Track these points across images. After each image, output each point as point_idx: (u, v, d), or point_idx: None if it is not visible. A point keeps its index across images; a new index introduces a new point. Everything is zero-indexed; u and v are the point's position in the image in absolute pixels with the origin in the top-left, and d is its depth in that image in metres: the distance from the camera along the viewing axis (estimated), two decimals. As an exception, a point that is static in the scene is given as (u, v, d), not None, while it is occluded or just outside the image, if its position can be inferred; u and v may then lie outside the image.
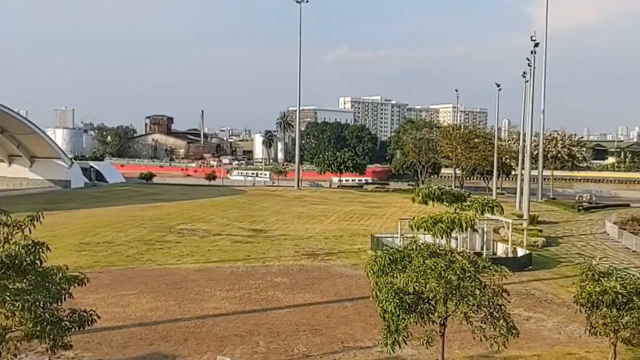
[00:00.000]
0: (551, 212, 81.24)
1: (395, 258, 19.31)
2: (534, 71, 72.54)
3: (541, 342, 26.37)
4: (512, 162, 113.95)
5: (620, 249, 53.32)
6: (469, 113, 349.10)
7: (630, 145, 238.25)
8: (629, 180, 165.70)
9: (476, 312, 18.36)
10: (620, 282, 19.20)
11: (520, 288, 35.68)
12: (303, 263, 42.48)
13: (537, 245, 51.11)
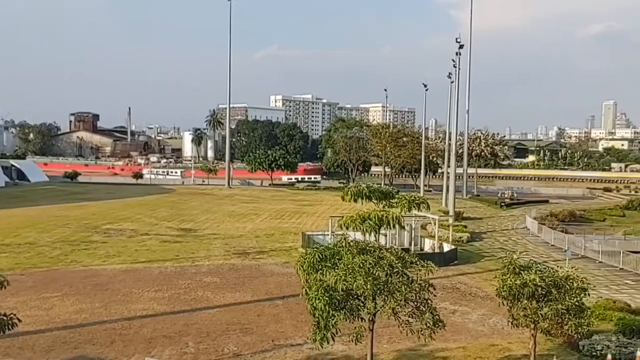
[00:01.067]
0: (475, 208, 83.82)
1: (325, 255, 19.43)
2: (459, 72, 74.67)
3: (466, 334, 27.21)
4: (439, 160, 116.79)
5: (539, 243, 55.63)
6: (397, 112, 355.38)
7: (549, 144, 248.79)
8: (548, 178, 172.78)
9: (404, 306, 18.74)
10: (540, 275, 20.02)
11: (446, 282, 36.67)
12: (234, 262, 42.18)
13: (462, 241, 52.66)
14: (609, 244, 51.84)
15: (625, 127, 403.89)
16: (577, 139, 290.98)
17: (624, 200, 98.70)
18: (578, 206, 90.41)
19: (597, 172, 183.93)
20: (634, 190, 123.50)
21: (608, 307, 29.59)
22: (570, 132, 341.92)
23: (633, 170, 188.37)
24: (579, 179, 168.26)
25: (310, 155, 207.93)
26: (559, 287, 19.85)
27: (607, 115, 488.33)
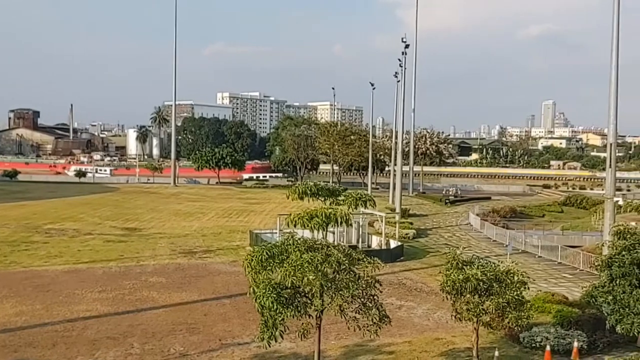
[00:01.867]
0: (421, 205, 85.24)
1: (273, 253, 19.42)
2: (405, 71, 75.66)
3: (412, 329, 27.69)
4: (386, 158, 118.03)
5: (482, 239, 57.05)
6: (345, 111, 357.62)
7: (492, 142, 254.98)
8: (490, 175, 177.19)
9: (351, 303, 18.95)
10: (482, 270, 20.55)
11: (392, 278, 37.19)
12: (180, 261, 41.66)
13: (409, 237, 53.49)
14: (547, 239, 53.64)
15: (563, 126, 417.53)
16: (518, 138, 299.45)
17: (562, 196, 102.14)
18: (519, 202, 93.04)
19: (537, 169, 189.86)
20: (572, 187, 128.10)
21: (547, 300, 30.58)
22: (512, 131, 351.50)
23: (570, 167, 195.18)
24: (520, 176, 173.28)
25: (258, 154, 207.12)
26: (500, 282, 20.44)
27: (547, 114, 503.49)
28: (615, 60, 36.17)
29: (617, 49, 36.08)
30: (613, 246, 24.24)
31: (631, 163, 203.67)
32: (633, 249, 22.78)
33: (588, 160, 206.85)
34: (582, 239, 55.00)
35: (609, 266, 23.32)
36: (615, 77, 36.35)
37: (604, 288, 23.57)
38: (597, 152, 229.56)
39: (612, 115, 37.03)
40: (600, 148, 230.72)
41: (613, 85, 36.43)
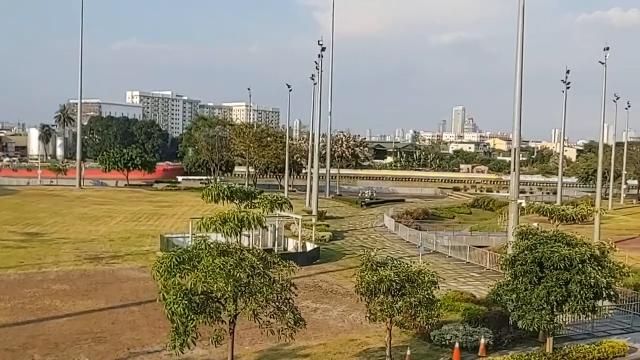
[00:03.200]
0: (337, 207, 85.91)
1: (184, 258, 18.95)
2: (322, 74, 76.10)
3: (327, 331, 27.76)
4: (303, 160, 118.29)
5: (396, 240, 58.18)
6: (262, 112, 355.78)
7: (406, 146, 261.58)
8: (404, 178, 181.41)
9: (265, 307, 18.76)
10: (395, 271, 20.88)
11: (308, 281, 37.22)
12: (85, 268, 39.96)
13: (325, 240, 53.76)
14: (457, 239, 55.40)
15: (472, 131, 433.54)
16: (430, 142, 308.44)
17: (471, 198, 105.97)
18: (431, 205, 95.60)
19: (448, 172, 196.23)
20: (480, 190, 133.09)
21: (456, 299, 31.51)
22: (425, 135, 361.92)
23: (479, 171, 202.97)
24: (432, 179, 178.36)
25: (170, 155, 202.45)
26: (412, 282, 20.84)
27: (457, 119, 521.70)
28: (520, 69, 37.80)
29: (521, 59, 37.71)
30: (516, 246, 25.28)
31: (534, 167, 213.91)
32: (534, 249, 23.80)
33: (495, 164, 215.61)
34: (489, 239, 57.14)
35: (512, 265, 24.27)
36: (519, 86, 37.98)
37: (508, 286, 24.50)
38: (503, 156, 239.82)
39: (516, 122, 38.66)
40: (506, 152, 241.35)
41: (517, 93, 38.04)
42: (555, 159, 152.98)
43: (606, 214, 68.92)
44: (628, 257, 40.55)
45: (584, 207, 65.53)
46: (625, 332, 29.22)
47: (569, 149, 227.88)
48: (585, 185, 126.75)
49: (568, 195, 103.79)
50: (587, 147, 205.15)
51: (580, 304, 22.92)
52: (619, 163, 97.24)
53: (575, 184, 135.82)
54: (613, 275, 24.22)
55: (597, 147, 63.57)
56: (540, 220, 60.43)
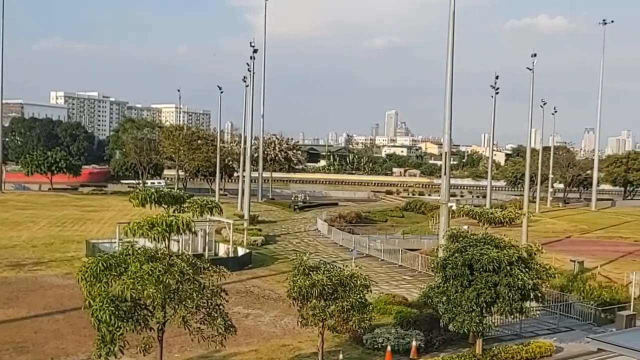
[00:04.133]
0: (270, 211, 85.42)
1: (110, 264, 18.36)
2: (254, 76, 75.60)
3: (259, 337, 27.39)
4: (235, 163, 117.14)
5: (329, 244, 58.29)
6: (192, 114, 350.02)
7: (339, 149, 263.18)
8: (338, 181, 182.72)
9: (195, 314, 18.37)
10: (327, 275, 20.79)
11: (240, 286, 36.71)
12: (6, 275, 38.06)
13: (257, 244, 53.26)
14: (390, 242, 56.01)
15: (405, 135, 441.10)
16: (363, 146, 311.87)
17: (403, 202, 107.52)
18: (364, 208, 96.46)
19: (381, 176, 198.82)
20: (412, 193, 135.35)
21: (388, 302, 31.75)
22: (358, 139, 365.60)
23: (411, 174, 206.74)
24: (365, 182, 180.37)
25: (96, 158, 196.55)
26: (344, 286, 20.81)
27: (390, 123, 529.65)
28: (450, 74, 38.58)
29: (451, 64, 38.50)
30: (447, 249, 25.68)
31: (464, 171, 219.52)
32: (464, 251, 24.25)
33: (427, 168, 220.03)
34: (421, 242, 58.04)
35: (443, 268, 24.66)
36: (449, 91, 38.74)
37: (439, 289, 24.88)
38: (434, 160, 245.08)
39: (447, 126, 39.42)
40: (438, 156, 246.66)
41: (448, 98, 38.80)
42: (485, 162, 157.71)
43: (533, 217, 71.35)
44: (554, 258, 42.03)
45: (512, 210, 68.09)
46: (551, 332, 30.18)
47: (498, 153, 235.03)
48: (514, 189, 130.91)
49: (497, 199, 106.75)
50: (516, 151, 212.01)
51: (508, 305, 23.52)
52: (546, 167, 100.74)
53: (504, 188, 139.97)
54: (540, 276, 25.00)
55: (525, 151, 65.72)
56: (470, 223, 62.11)
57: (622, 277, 38.51)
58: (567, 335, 29.33)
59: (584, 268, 42.52)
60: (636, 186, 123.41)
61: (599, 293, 35.36)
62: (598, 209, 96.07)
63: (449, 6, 38.40)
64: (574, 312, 33.23)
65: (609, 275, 41.34)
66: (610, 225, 73.76)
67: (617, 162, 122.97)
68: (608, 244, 58.93)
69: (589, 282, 38.37)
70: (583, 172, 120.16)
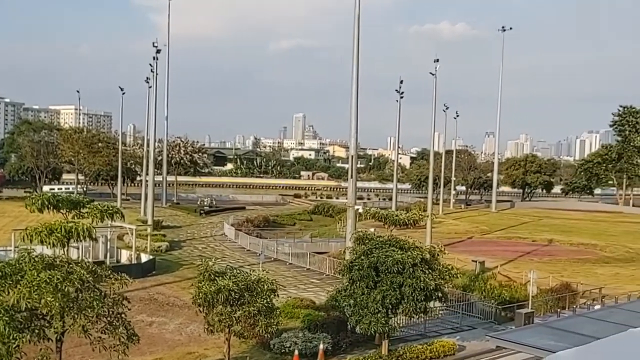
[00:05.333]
0: (175, 216, 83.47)
1: (5, 273, 17.46)
2: (157, 78, 73.70)
3: (163, 345, 26.65)
4: (138, 167, 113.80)
5: (236, 249, 57.68)
6: (93, 116, 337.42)
7: (246, 152, 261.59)
8: (245, 185, 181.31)
9: (96, 323, 17.77)
10: (233, 280, 20.49)
11: (143, 294, 35.60)
12: None
13: (161, 250, 51.90)
14: (298, 246, 56.17)
15: (313, 138, 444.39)
16: (271, 149, 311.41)
17: (311, 205, 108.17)
18: (272, 212, 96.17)
19: (289, 179, 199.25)
20: (320, 196, 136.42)
21: (296, 306, 31.73)
22: (265, 142, 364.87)
23: (319, 178, 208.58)
24: (273, 186, 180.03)
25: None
26: (251, 291, 20.58)
27: (298, 126, 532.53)
28: (356, 78, 39.16)
29: (357, 67, 39.09)
30: (354, 251, 25.99)
31: (371, 174, 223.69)
32: (370, 253, 24.62)
33: (335, 171, 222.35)
34: (329, 245, 58.57)
35: (350, 270, 24.92)
36: (355, 94, 39.32)
37: (345, 291, 25.13)
38: (342, 163, 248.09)
39: (353, 129, 39.98)
40: (345, 159, 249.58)
41: (354, 101, 39.36)
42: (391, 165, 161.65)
43: (437, 219, 73.75)
44: (457, 259, 43.56)
45: (416, 212, 70.05)
46: (455, 331, 31.18)
47: (404, 156, 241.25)
48: (419, 191, 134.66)
49: (403, 201, 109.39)
50: (420, 154, 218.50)
51: (413, 306, 24.07)
52: (448, 170, 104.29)
53: (410, 190, 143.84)
54: (443, 277, 25.73)
55: (429, 154, 67.75)
56: (377, 226, 63.30)
57: (521, 276, 40.32)
58: (469, 334, 30.40)
59: (485, 268, 44.31)
60: (534, 188, 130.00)
61: (499, 292, 37.01)
62: (498, 210, 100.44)
63: (354, 10, 38.99)
64: (476, 311, 34.58)
65: (509, 275, 43.26)
66: (509, 226, 77.38)
67: (516, 165, 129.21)
68: (507, 244, 61.84)
69: (489, 282, 40.05)
70: (484, 174, 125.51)
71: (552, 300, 34.88)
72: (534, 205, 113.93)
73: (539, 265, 46.62)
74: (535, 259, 52.03)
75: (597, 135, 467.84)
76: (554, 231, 72.20)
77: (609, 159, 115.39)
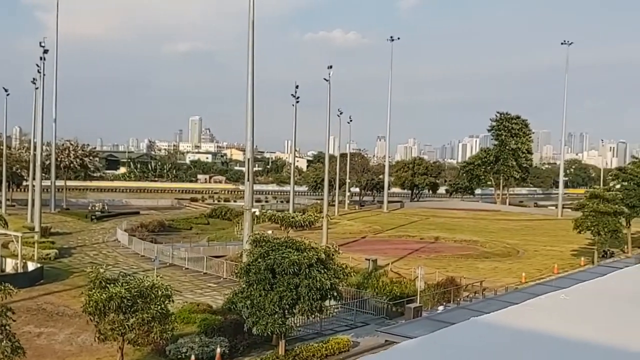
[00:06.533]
0: (65, 222, 79.90)
1: None
2: (45, 78, 70.27)
3: (52, 356, 25.60)
4: (24, 172, 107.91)
5: (130, 255, 56.04)
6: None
7: (140, 156, 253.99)
8: (140, 189, 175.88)
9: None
10: (126, 287, 20.05)
11: (31, 304, 33.94)
12: None
13: (50, 258, 49.57)
14: (194, 250, 55.36)
15: (209, 142, 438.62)
16: (166, 152, 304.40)
17: (209, 209, 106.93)
18: (167, 216, 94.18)
19: (185, 183, 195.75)
20: (217, 200, 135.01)
21: (192, 311, 31.37)
22: (161, 145, 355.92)
23: (216, 181, 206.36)
24: (169, 190, 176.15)
25: None
26: (144, 297, 20.21)
27: (194, 129, 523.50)
28: (251, 82, 39.29)
29: (252, 72, 39.23)
30: (251, 254, 26.11)
31: (269, 177, 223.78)
32: (267, 256, 24.84)
33: (233, 174, 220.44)
34: (226, 249, 58.13)
35: (247, 273, 25.03)
36: (251, 99, 39.42)
37: (243, 294, 25.21)
38: (240, 166, 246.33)
39: (249, 133, 40.07)
40: (243, 163, 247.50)
41: (249, 105, 39.46)
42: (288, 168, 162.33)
43: (333, 220, 75.03)
44: (351, 258, 44.63)
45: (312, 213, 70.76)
46: (349, 328, 32.00)
47: (301, 159, 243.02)
48: (315, 193, 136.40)
49: (300, 203, 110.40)
50: (317, 157, 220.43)
51: (309, 305, 24.54)
52: (343, 172, 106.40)
53: (307, 192, 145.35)
54: (337, 276, 26.37)
55: (325, 157, 68.89)
56: (274, 228, 63.66)
57: (410, 272, 41.90)
58: (363, 330, 31.30)
59: (378, 266, 45.74)
60: (421, 189, 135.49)
61: (390, 288, 38.33)
62: (389, 210, 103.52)
63: (248, 15, 39.11)
64: (369, 308, 35.67)
65: (399, 271, 44.89)
66: (399, 225, 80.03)
67: (405, 168, 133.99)
68: (398, 242, 63.99)
69: (382, 279, 41.40)
70: (376, 176, 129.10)
71: (438, 295, 36.57)
72: (422, 205, 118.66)
73: (426, 261, 48.68)
74: (423, 255, 54.22)
75: (477, 140, 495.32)
76: (439, 229, 75.53)
77: (487, 161, 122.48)
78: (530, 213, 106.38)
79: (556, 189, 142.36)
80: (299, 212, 79.29)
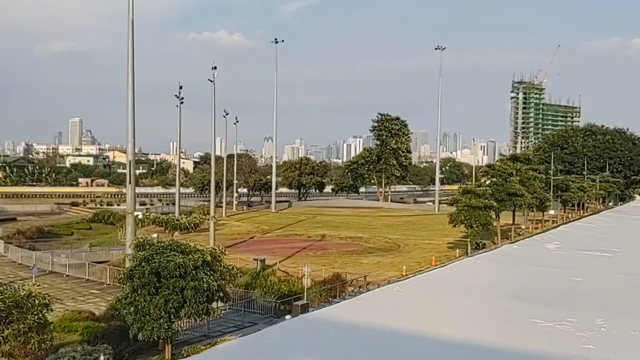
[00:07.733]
0: None
1: None
2: None
3: None
4: None
5: (7, 263, 53.26)
6: None
7: (17, 159, 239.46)
8: (16, 195, 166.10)
9: None
10: (0, 298, 19.28)
11: None
12: None
13: None
14: (76, 256, 53.43)
15: (91, 144, 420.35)
16: (45, 155, 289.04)
17: (91, 213, 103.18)
18: (47, 222, 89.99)
19: (66, 187, 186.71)
20: (100, 204, 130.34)
21: (74, 319, 30.43)
22: (39, 148, 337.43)
23: (99, 184, 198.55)
24: (48, 194, 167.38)
25: None
26: (20, 307, 19.52)
27: (74, 131, 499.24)
28: (132, 82, 38.45)
29: (132, 72, 38.42)
30: (134, 258, 25.73)
31: (154, 179, 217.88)
32: (151, 259, 24.62)
33: (116, 177, 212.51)
34: (110, 254, 56.52)
35: (130, 278, 24.67)
36: (132, 99, 38.62)
37: (126, 299, 24.81)
38: (123, 169, 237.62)
39: (130, 134, 39.23)
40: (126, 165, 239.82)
41: (130, 106, 38.64)
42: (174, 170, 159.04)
43: (220, 221, 74.62)
44: (239, 258, 44.85)
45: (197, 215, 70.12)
46: (237, 328, 32.17)
47: (187, 161, 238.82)
48: (202, 195, 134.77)
49: (187, 205, 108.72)
50: (203, 159, 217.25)
51: (195, 308, 24.54)
52: (230, 173, 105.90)
53: (193, 194, 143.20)
54: (224, 277, 26.56)
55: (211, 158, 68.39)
56: (159, 231, 62.42)
57: (298, 270, 42.69)
58: (250, 330, 31.46)
59: (266, 265, 46.24)
60: (308, 188, 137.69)
61: (278, 287, 38.93)
62: (277, 210, 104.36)
63: (127, 15, 38.25)
64: (258, 307, 36.07)
65: (287, 270, 45.61)
66: (287, 225, 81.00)
67: (292, 168, 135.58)
68: (286, 242, 64.85)
69: (270, 278, 41.91)
70: (264, 177, 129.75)
71: (325, 291, 37.62)
72: (309, 204, 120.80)
73: (313, 259, 49.83)
74: (310, 253, 55.37)
75: (360, 140, 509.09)
76: (326, 227, 77.33)
77: (370, 161, 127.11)
78: (410, 209, 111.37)
79: (433, 185, 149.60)
80: (184, 215, 78.22)
